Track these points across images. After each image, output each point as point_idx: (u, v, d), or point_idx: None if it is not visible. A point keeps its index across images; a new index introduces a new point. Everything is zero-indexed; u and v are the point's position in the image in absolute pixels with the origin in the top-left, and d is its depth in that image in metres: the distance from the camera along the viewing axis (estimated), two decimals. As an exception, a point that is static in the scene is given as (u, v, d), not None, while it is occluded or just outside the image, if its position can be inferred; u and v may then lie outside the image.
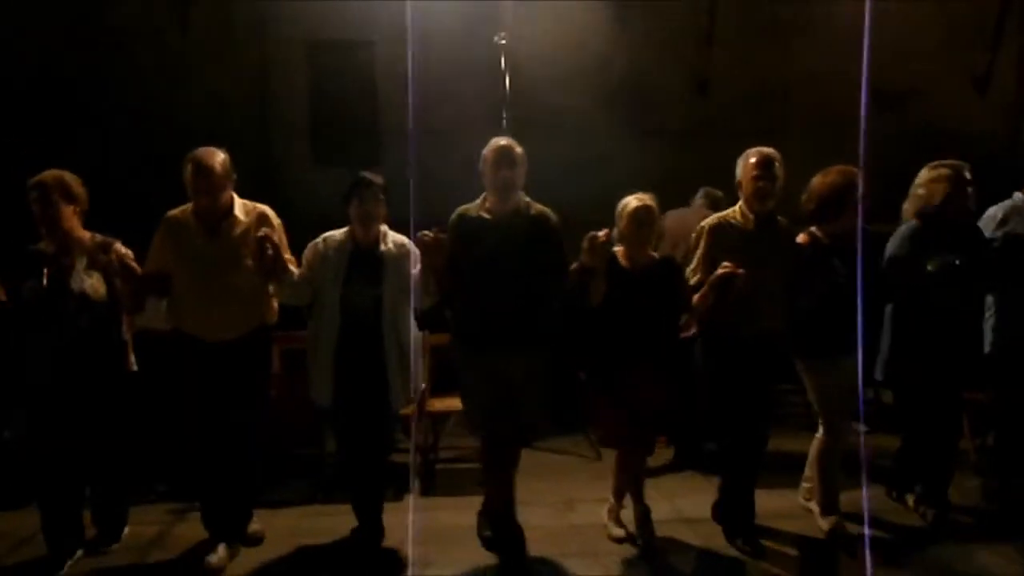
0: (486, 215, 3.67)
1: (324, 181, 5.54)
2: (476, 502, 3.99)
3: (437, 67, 5.96)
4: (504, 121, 4.72)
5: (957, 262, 3.75)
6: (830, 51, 6.75)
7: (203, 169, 3.62)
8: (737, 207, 3.78)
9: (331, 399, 3.75)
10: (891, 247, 3.94)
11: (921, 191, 3.97)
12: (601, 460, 4.93)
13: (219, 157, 3.68)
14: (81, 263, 3.72)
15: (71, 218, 3.75)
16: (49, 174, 3.72)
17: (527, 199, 3.71)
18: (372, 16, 6.23)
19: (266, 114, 5.73)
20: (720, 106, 7.41)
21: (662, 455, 4.74)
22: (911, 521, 4.08)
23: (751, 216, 3.72)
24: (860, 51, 4.36)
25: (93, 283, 3.72)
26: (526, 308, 3.62)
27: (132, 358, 3.96)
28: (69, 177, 3.76)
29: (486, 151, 3.69)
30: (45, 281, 3.64)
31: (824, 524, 3.94)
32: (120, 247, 3.68)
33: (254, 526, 4.03)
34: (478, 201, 3.74)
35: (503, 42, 4.91)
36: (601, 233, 3.48)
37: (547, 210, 3.71)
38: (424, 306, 3.76)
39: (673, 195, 5.15)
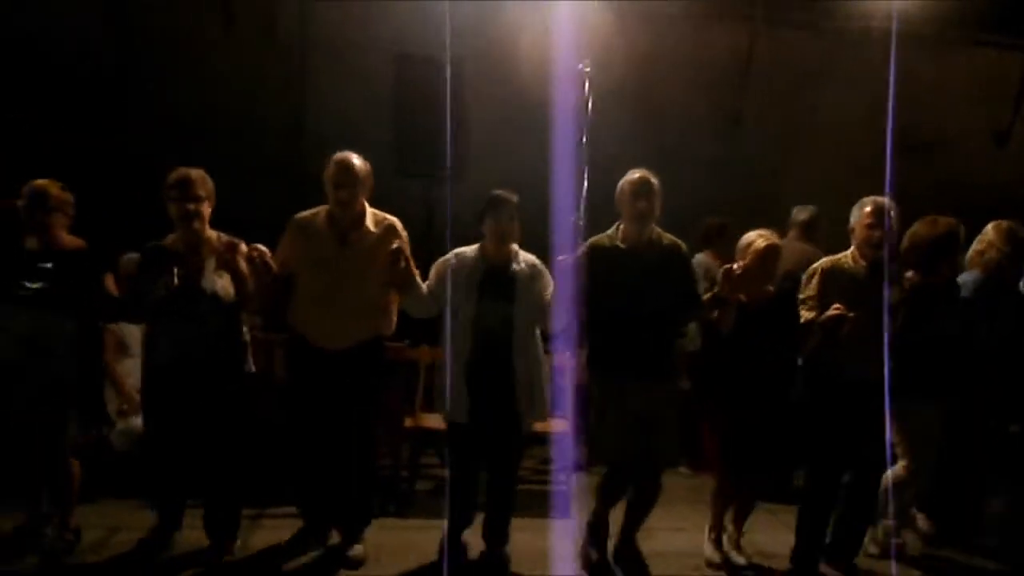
0: (621, 244, 3.76)
1: (408, 193, 5.63)
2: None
3: (520, 88, 6.14)
4: (583, 144, 4.78)
5: None
6: (860, 97, 7.00)
7: (347, 166, 3.69)
8: (849, 252, 3.91)
9: (467, 415, 3.76)
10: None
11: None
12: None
13: (361, 160, 3.75)
14: (211, 263, 3.71)
15: (206, 217, 3.75)
16: (193, 170, 3.72)
17: (658, 230, 3.80)
18: (460, 31, 6.31)
19: (350, 125, 5.75)
20: (752, 142, 7.59)
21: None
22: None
23: (863, 263, 3.84)
24: (888, 99, 4.55)
25: (224, 284, 3.71)
26: (662, 337, 3.73)
27: (251, 360, 3.93)
28: (204, 174, 3.76)
29: (623, 182, 3.79)
30: (176, 280, 3.61)
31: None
32: (258, 245, 3.64)
33: (357, 549, 3.94)
34: (610, 232, 3.83)
35: (587, 70, 4.98)
36: (736, 266, 3.61)
37: (678, 240, 3.82)
38: (551, 329, 3.81)
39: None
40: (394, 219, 3.85)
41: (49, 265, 3.69)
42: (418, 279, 3.73)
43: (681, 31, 7.23)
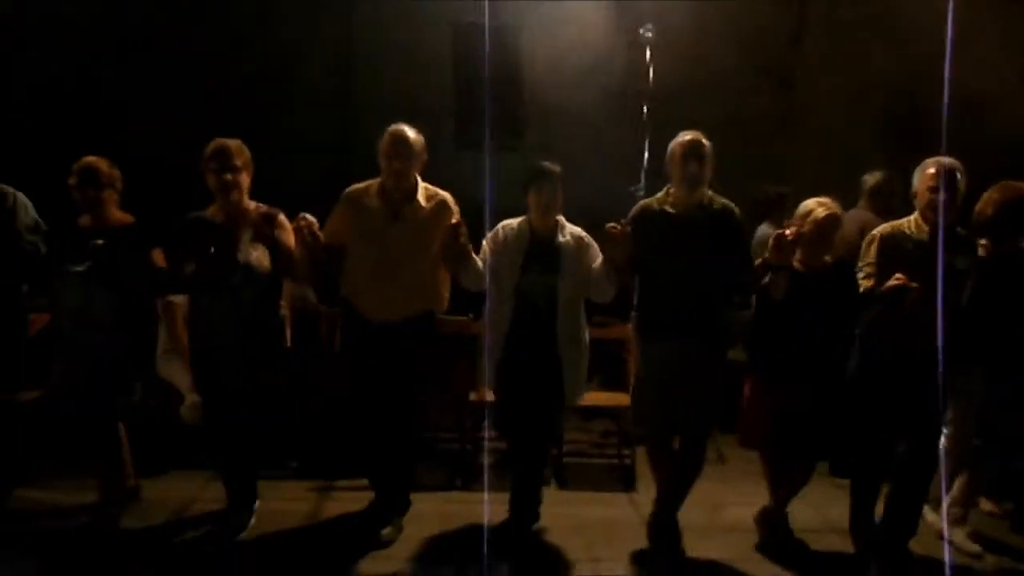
0: (670, 208, 3.67)
1: (466, 164, 5.55)
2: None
3: (576, 55, 6.07)
4: (645, 114, 4.71)
5: None
6: (913, 56, 6.81)
7: (401, 137, 3.66)
8: (913, 217, 3.73)
9: (500, 385, 3.77)
10: None
11: None
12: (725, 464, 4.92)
13: (415, 133, 3.70)
14: (247, 234, 3.69)
15: (244, 187, 3.73)
16: (231, 141, 3.70)
17: (711, 193, 3.70)
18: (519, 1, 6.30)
19: (412, 95, 5.70)
20: (804, 105, 7.44)
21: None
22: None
23: (926, 228, 3.65)
24: (943, 55, 4.40)
25: (258, 255, 3.69)
26: (711, 301, 3.64)
27: (289, 334, 3.94)
28: (241, 144, 3.74)
29: (674, 144, 3.68)
30: (213, 250, 3.61)
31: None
32: (307, 216, 3.60)
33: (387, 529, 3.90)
34: (660, 194, 3.75)
35: (649, 35, 4.88)
36: (788, 231, 3.51)
37: (731, 204, 3.71)
38: (603, 299, 3.77)
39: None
40: (446, 194, 3.82)
41: (101, 241, 3.72)
42: (472, 253, 3.69)
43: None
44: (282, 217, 3.75)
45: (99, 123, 5.67)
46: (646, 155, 4.69)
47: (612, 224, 3.53)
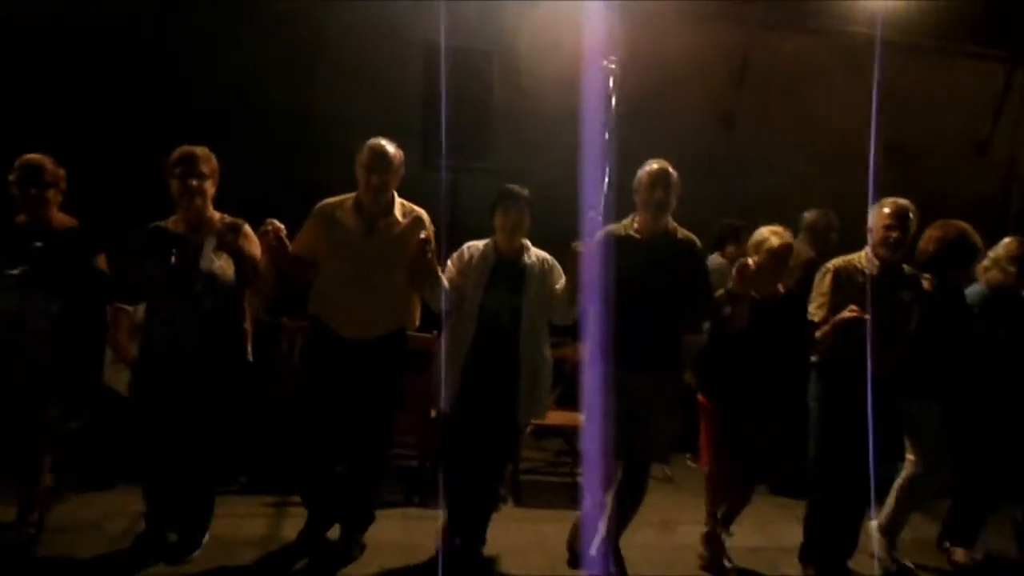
0: (635, 235, 3.75)
1: (435, 184, 5.55)
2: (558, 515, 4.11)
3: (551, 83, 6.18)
4: (607, 139, 4.82)
5: None
6: (850, 101, 7.14)
7: (381, 151, 3.64)
8: (863, 252, 3.90)
9: (456, 403, 3.75)
10: None
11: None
12: (673, 483, 5.00)
13: (395, 148, 3.69)
14: (210, 243, 3.60)
15: (209, 195, 3.65)
16: (198, 148, 3.62)
17: (674, 223, 3.79)
18: (490, 25, 6.39)
19: (379, 114, 5.68)
20: (743, 142, 7.70)
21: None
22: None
23: (876, 263, 3.83)
24: (873, 105, 4.65)
25: (222, 264, 3.60)
26: (669, 329, 3.72)
27: (250, 348, 3.82)
28: (208, 152, 3.66)
29: (641, 172, 3.76)
30: (174, 259, 3.51)
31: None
32: (274, 222, 3.53)
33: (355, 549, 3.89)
34: (626, 220, 3.82)
35: (612, 67, 5.02)
36: (751, 261, 3.63)
37: (692, 235, 3.81)
38: (564, 321, 3.80)
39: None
40: (421, 210, 3.81)
41: (39, 244, 3.58)
42: (439, 271, 3.69)
43: (677, 31, 7.28)
44: (247, 228, 3.67)
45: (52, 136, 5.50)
46: (606, 181, 4.79)
47: (576, 243, 3.59)
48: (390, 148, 3.68)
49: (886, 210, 3.84)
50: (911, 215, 3.82)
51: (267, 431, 4.52)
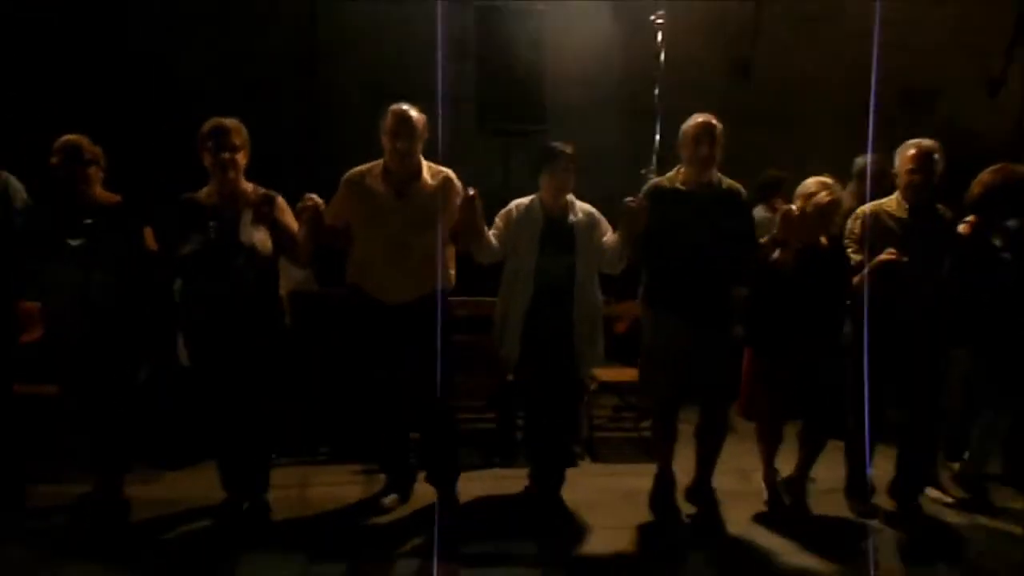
0: (681, 187, 3.81)
1: (487, 148, 5.54)
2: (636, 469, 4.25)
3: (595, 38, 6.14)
4: (656, 96, 4.86)
5: None
6: (864, 46, 7.16)
7: (405, 117, 3.65)
8: (894, 196, 3.96)
9: (519, 363, 3.85)
10: None
11: None
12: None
13: (417, 112, 3.71)
14: (247, 216, 3.62)
15: (241, 167, 3.66)
16: (228, 120, 3.62)
17: (719, 174, 3.84)
18: None
19: (433, 78, 5.64)
20: (760, 93, 7.72)
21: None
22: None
23: (905, 206, 3.90)
24: (883, 48, 4.70)
25: (261, 237, 3.63)
26: (716, 279, 3.79)
27: (287, 317, 3.86)
28: (239, 123, 3.67)
29: (686, 126, 3.81)
30: (212, 234, 3.55)
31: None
32: (313, 196, 3.57)
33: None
34: (671, 173, 3.88)
35: (660, 21, 5.04)
36: (795, 207, 3.70)
37: (737, 184, 3.87)
38: (613, 272, 3.89)
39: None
40: (449, 172, 3.83)
41: (89, 220, 3.63)
42: (485, 227, 3.73)
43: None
44: (281, 199, 3.69)
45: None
46: (657, 137, 4.86)
47: (631, 198, 3.65)
48: (413, 112, 3.69)
49: (910, 152, 3.88)
50: (935, 156, 3.85)
51: (332, 401, 4.61)
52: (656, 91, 5.00)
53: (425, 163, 3.79)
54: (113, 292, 3.65)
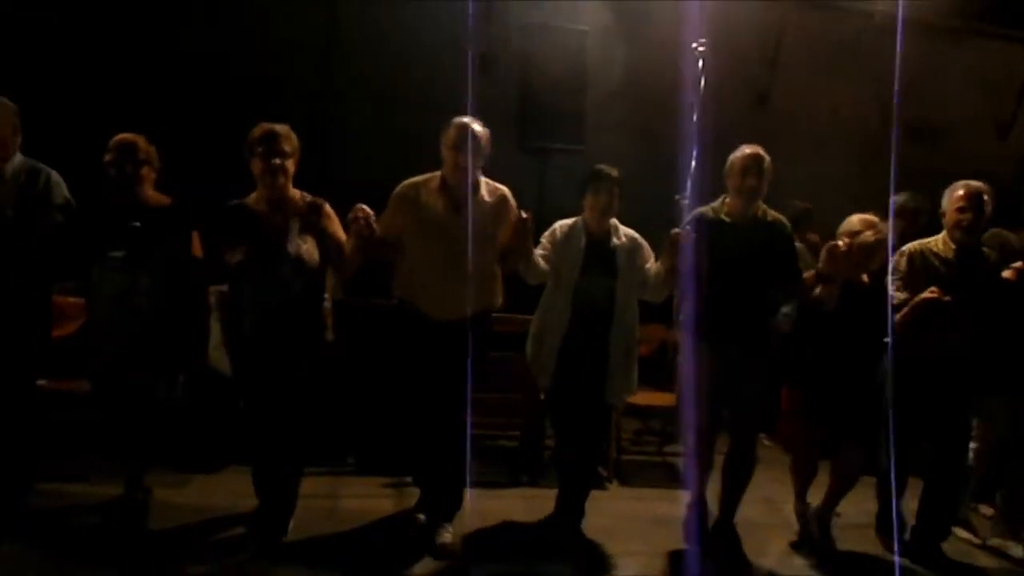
0: (726, 218, 3.80)
1: (524, 165, 5.53)
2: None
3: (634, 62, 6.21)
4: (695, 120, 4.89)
5: None
6: (879, 82, 7.27)
7: (469, 130, 3.60)
8: (940, 236, 3.98)
9: (552, 383, 3.83)
10: None
11: None
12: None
13: (481, 126, 3.67)
14: (295, 224, 3.55)
15: (291, 174, 3.60)
16: (279, 126, 3.56)
17: (764, 206, 3.84)
18: (585, 3, 6.41)
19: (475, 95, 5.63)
20: (776, 122, 7.79)
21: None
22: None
23: (952, 246, 3.91)
24: (899, 87, 4.76)
25: (308, 248, 3.56)
26: (758, 312, 3.79)
27: (331, 328, 3.80)
28: (289, 130, 3.61)
29: (734, 157, 3.82)
30: (260, 241, 3.49)
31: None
32: (364, 207, 3.48)
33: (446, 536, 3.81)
34: (716, 204, 3.87)
35: (701, 49, 5.07)
36: (842, 243, 3.69)
37: (782, 217, 3.87)
38: (655, 299, 3.90)
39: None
40: (505, 188, 3.81)
41: (136, 224, 3.58)
42: (532, 248, 3.70)
43: (712, 8, 7.30)
44: (328, 207, 3.64)
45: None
46: (693, 164, 4.86)
47: (677, 230, 3.67)
48: (477, 127, 3.66)
49: (959, 192, 3.90)
50: (985, 197, 3.86)
51: (366, 412, 4.58)
52: (694, 117, 5.03)
53: (483, 179, 3.75)
54: (158, 296, 3.61)
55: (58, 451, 4.07)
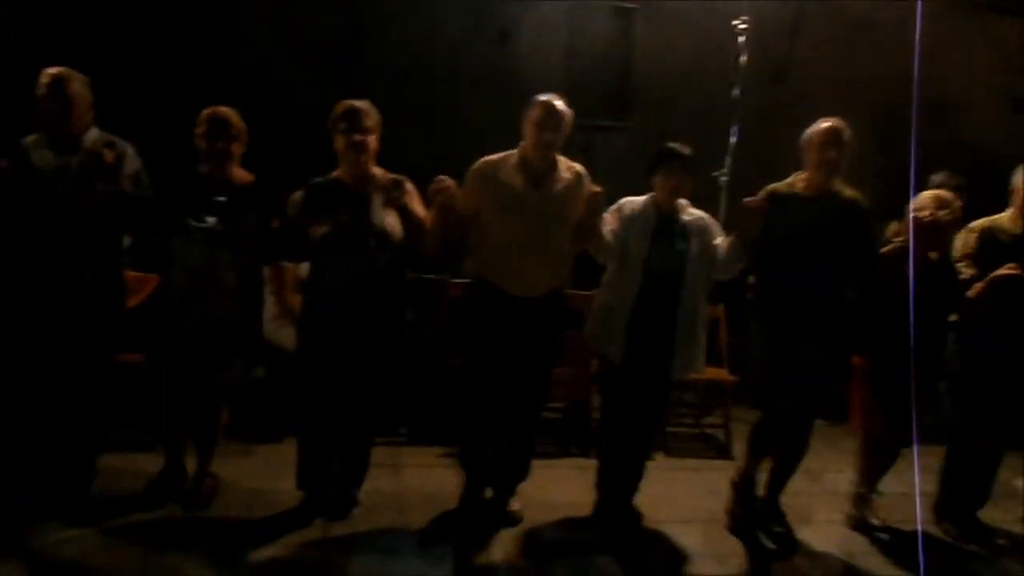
0: (802, 192, 3.76)
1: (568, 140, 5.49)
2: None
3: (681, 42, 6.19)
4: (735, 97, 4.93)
5: None
6: (897, 55, 7.29)
7: (555, 109, 3.60)
8: (1007, 213, 4.00)
9: (623, 358, 3.79)
10: None
11: None
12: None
13: (564, 104, 3.65)
14: (378, 199, 3.58)
15: (373, 151, 3.61)
16: (360, 102, 3.57)
17: (839, 182, 3.79)
18: None
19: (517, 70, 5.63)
20: (793, 96, 7.82)
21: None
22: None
23: (1021, 223, 3.93)
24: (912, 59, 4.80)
25: (392, 222, 3.59)
26: (833, 289, 3.74)
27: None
28: (371, 105, 3.61)
29: (812, 131, 3.77)
30: (345, 216, 3.50)
31: None
32: (445, 178, 3.48)
33: (515, 504, 3.91)
34: (788, 180, 3.83)
35: (743, 26, 5.11)
36: (925, 214, 3.72)
37: (858, 194, 3.80)
38: (726, 277, 3.90)
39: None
40: (581, 168, 3.78)
41: (222, 198, 3.56)
42: (603, 226, 3.70)
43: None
44: (409, 184, 3.65)
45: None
46: (732, 139, 4.93)
47: (749, 198, 3.64)
48: (561, 105, 3.64)
49: None
50: None
51: (425, 385, 4.63)
52: (735, 93, 5.08)
53: (560, 157, 3.74)
54: (239, 275, 3.61)
55: (119, 421, 4.06)
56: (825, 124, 3.76)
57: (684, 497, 4.22)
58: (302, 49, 6.23)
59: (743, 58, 5.17)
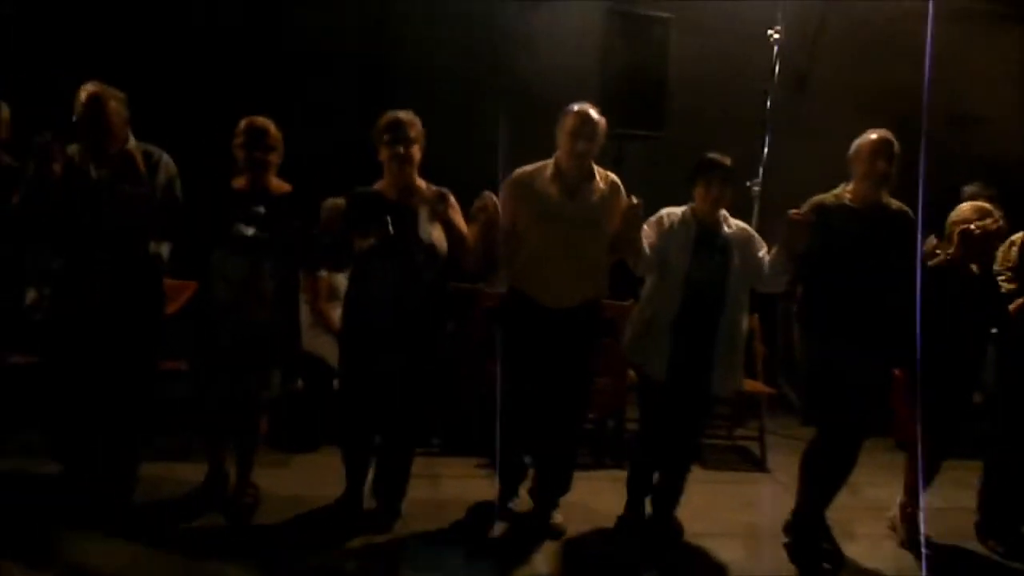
0: (850, 204, 3.71)
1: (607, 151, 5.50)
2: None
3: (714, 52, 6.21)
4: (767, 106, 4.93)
5: None
6: (918, 68, 7.29)
7: (589, 118, 3.59)
8: None
9: (664, 372, 3.73)
10: None
11: None
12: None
13: (598, 114, 3.63)
14: (424, 212, 3.55)
15: (417, 162, 3.60)
16: (403, 112, 3.56)
17: (887, 195, 3.73)
18: None
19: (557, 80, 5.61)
20: (814, 106, 7.82)
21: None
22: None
23: None
24: (934, 71, 4.81)
25: (439, 235, 3.57)
26: (882, 304, 3.65)
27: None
28: (414, 116, 3.60)
29: (862, 141, 3.72)
30: (391, 228, 3.45)
31: None
32: (491, 195, 3.48)
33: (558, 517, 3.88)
34: (837, 190, 3.78)
35: (776, 36, 5.11)
36: (974, 226, 3.69)
37: (905, 207, 3.74)
38: (772, 290, 3.85)
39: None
40: (615, 177, 3.76)
41: (262, 209, 3.55)
42: (642, 237, 3.65)
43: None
44: (452, 198, 3.63)
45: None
46: (765, 151, 4.93)
47: (795, 211, 3.59)
48: (595, 114, 3.63)
49: None
50: None
51: (458, 395, 4.62)
52: (768, 104, 5.09)
53: (596, 167, 3.72)
54: (279, 285, 3.60)
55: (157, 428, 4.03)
56: (874, 135, 3.71)
57: (722, 510, 4.20)
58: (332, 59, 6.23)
59: (776, 68, 5.17)
